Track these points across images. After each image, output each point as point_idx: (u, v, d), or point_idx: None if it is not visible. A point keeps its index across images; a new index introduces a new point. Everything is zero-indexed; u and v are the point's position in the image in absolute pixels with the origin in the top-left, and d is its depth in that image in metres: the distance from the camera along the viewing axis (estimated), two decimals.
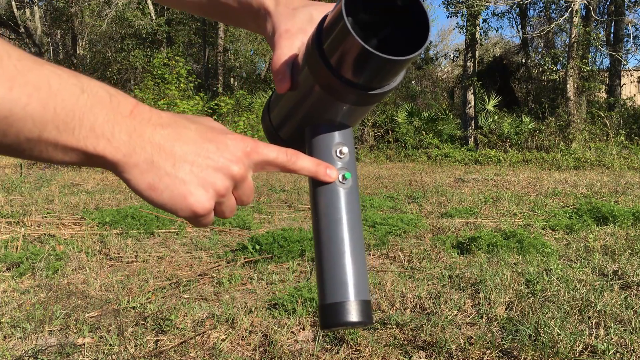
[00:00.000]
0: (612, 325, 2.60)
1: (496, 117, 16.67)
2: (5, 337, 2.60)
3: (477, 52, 17.59)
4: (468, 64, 16.98)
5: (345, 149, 0.59)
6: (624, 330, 2.56)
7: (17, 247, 4.13)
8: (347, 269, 0.54)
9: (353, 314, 0.53)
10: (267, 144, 0.55)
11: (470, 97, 16.89)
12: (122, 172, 0.48)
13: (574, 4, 14.34)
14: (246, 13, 0.67)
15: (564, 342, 2.37)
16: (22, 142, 0.44)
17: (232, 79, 24.35)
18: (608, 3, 19.46)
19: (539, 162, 12.39)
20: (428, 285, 3.31)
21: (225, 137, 0.52)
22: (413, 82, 24.49)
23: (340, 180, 0.58)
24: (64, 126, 0.44)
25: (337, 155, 0.59)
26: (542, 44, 22.94)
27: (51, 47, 24.04)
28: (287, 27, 0.60)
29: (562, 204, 6.37)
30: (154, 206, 0.51)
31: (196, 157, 0.50)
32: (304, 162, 0.56)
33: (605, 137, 13.92)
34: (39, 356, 2.40)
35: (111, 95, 0.47)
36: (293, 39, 0.59)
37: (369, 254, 4.13)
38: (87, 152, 0.46)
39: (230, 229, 4.97)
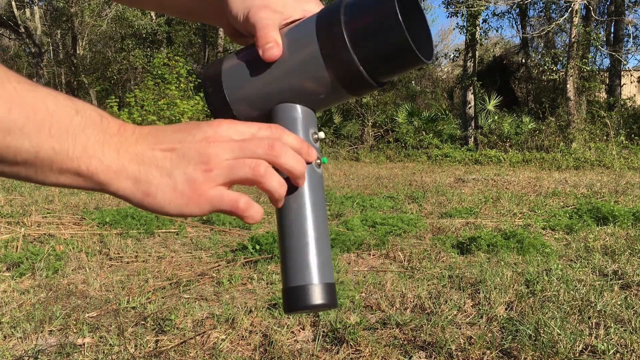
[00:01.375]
0: (612, 325, 2.60)
1: (496, 117, 16.68)
2: (5, 337, 2.60)
3: (477, 52, 17.59)
4: (468, 64, 16.98)
5: (321, 134, 0.58)
6: (624, 330, 2.56)
7: (17, 247, 4.13)
8: (311, 252, 0.53)
9: (317, 297, 0.52)
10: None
11: (470, 97, 16.89)
12: (117, 189, 0.49)
13: (574, 4, 14.34)
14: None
15: (564, 342, 2.37)
16: (19, 163, 0.45)
17: None
18: (608, 3, 19.46)
19: (539, 162, 12.39)
20: (428, 285, 3.31)
21: (202, 123, 0.52)
22: (413, 82, 24.48)
23: (317, 164, 0.57)
24: (59, 147, 0.46)
25: (312, 139, 0.57)
26: (542, 44, 22.94)
27: (51, 47, 24.03)
28: (264, 3, 0.60)
29: (562, 204, 6.37)
30: (160, 215, 0.52)
31: (175, 143, 0.50)
32: (290, 138, 0.53)
33: (605, 137, 13.92)
34: (39, 356, 2.40)
35: (102, 117, 0.49)
36: (274, 14, 0.59)
37: (369, 254, 4.14)
38: (81, 172, 0.48)
39: (230, 229, 4.97)
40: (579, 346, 2.38)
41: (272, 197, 0.52)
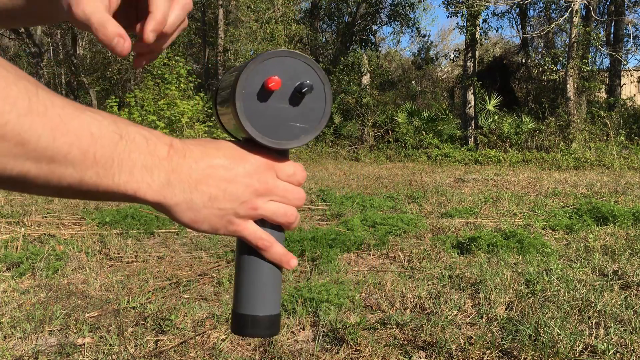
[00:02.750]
0: (612, 325, 2.60)
1: (496, 117, 16.68)
2: (5, 337, 2.60)
3: (477, 52, 17.60)
4: (468, 64, 16.98)
5: None
6: (624, 330, 2.56)
7: (17, 247, 4.13)
8: (262, 287, 0.58)
9: (261, 328, 0.58)
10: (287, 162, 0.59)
11: (470, 97, 16.89)
12: (164, 210, 0.52)
13: (574, 4, 14.34)
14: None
15: (564, 342, 2.37)
16: (63, 187, 0.46)
17: None
18: (608, 3, 19.46)
19: (539, 162, 12.39)
20: (428, 285, 3.31)
21: (248, 156, 0.56)
22: (413, 82, 24.49)
23: None
24: (104, 172, 0.46)
25: None
26: (542, 44, 22.95)
27: (51, 47, 24.02)
28: None
29: (562, 204, 6.37)
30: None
31: (227, 183, 0.54)
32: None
33: (605, 137, 13.92)
34: (39, 356, 2.40)
35: (147, 140, 0.49)
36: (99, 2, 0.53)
37: (369, 254, 4.14)
38: (128, 195, 0.49)
39: None
40: (579, 346, 2.38)
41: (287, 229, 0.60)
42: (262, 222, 0.57)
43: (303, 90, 0.54)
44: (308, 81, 0.55)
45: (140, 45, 0.57)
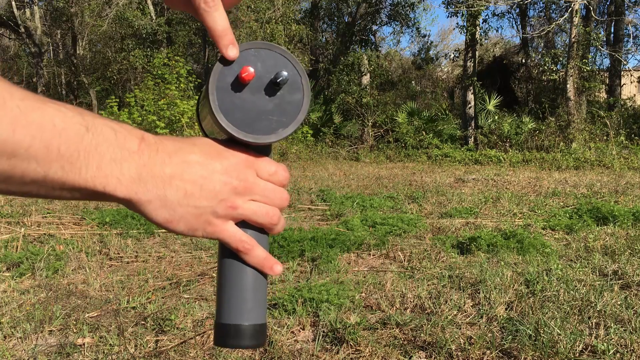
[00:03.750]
0: (612, 325, 2.60)
1: (496, 117, 16.67)
2: (5, 337, 2.60)
3: (477, 52, 17.59)
4: (468, 64, 16.98)
5: None
6: (624, 330, 2.56)
7: (17, 247, 4.13)
8: (247, 295, 0.55)
9: (245, 338, 0.55)
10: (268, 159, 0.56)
11: (470, 97, 16.89)
12: (137, 208, 0.49)
13: (574, 4, 14.34)
14: None
15: (564, 342, 2.37)
16: (27, 183, 0.43)
17: None
18: (608, 3, 19.46)
19: (539, 162, 12.39)
20: (428, 285, 3.31)
21: (226, 152, 0.53)
22: (413, 82, 24.49)
23: None
24: (70, 166, 0.44)
25: None
26: (542, 44, 22.94)
27: (51, 47, 24.02)
28: None
29: (562, 204, 6.37)
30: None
31: (204, 179, 0.51)
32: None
33: (605, 137, 13.92)
34: (39, 356, 2.40)
35: (116, 132, 0.46)
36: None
37: (369, 254, 4.14)
38: (97, 191, 0.46)
39: None
40: (579, 346, 2.38)
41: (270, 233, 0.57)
42: (244, 224, 0.54)
43: (278, 81, 0.52)
44: (284, 72, 0.53)
45: None
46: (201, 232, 0.52)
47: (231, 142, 0.54)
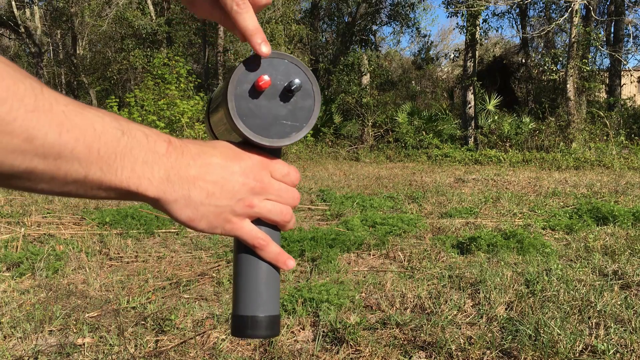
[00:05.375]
0: (612, 325, 2.60)
1: (496, 117, 16.68)
2: (5, 337, 2.60)
3: (477, 52, 17.59)
4: (468, 64, 16.98)
5: None
6: (624, 330, 2.56)
7: (17, 247, 4.13)
8: (261, 287, 0.59)
9: (260, 328, 0.58)
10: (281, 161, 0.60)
11: (470, 97, 16.89)
12: (163, 207, 0.53)
13: (574, 4, 14.34)
14: None
15: (564, 342, 2.37)
16: (69, 183, 0.46)
17: None
18: (608, 3, 19.46)
19: (539, 162, 12.39)
20: (428, 285, 3.31)
21: (244, 155, 0.57)
22: (413, 82, 24.49)
23: None
24: (107, 167, 0.47)
25: None
26: (542, 44, 22.94)
27: (51, 47, 24.03)
28: None
29: (562, 204, 6.37)
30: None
31: (224, 180, 0.55)
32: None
33: (605, 137, 13.92)
34: (39, 356, 2.40)
35: (148, 136, 0.50)
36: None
37: (369, 254, 4.14)
38: (131, 191, 0.50)
39: None
40: (579, 346, 2.38)
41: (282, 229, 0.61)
42: (258, 222, 0.58)
43: (292, 88, 0.56)
44: (297, 80, 0.57)
45: None
46: (220, 229, 0.56)
47: (246, 145, 0.58)
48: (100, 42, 24.21)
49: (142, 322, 2.78)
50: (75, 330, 2.67)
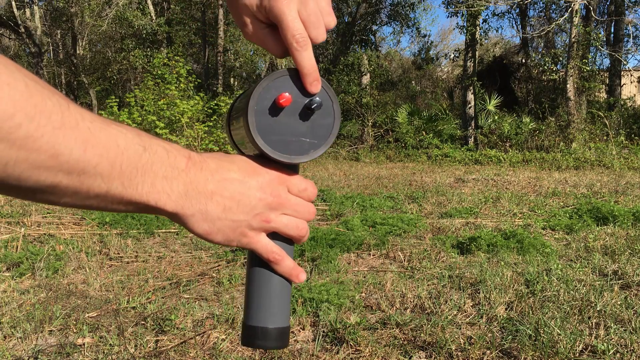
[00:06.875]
0: (612, 325, 2.60)
1: (496, 117, 16.67)
2: (5, 337, 2.60)
3: (477, 52, 17.59)
4: (468, 64, 16.98)
5: None
6: (624, 330, 2.56)
7: (17, 247, 4.13)
8: (272, 300, 0.60)
9: (270, 340, 0.59)
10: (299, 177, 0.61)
11: (470, 97, 16.89)
12: (181, 221, 0.54)
13: (574, 4, 14.34)
14: None
15: (564, 342, 2.37)
16: (91, 197, 0.47)
17: (232, 79, 24.35)
18: (608, 3, 19.46)
19: (539, 162, 12.38)
20: (428, 285, 3.31)
21: (261, 170, 0.58)
22: (413, 82, 24.49)
23: None
24: (129, 182, 0.48)
25: None
26: (542, 44, 22.94)
27: (51, 47, 24.04)
28: None
29: (562, 204, 6.37)
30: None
31: (241, 195, 0.55)
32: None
33: (605, 137, 13.91)
34: (39, 356, 2.40)
35: (168, 152, 0.51)
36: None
37: (369, 254, 4.14)
38: (150, 206, 0.51)
39: None
40: (579, 346, 2.38)
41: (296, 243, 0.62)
42: (273, 235, 0.58)
43: (312, 107, 0.56)
44: (317, 98, 0.57)
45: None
46: (236, 242, 0.57)
47: (263, 158, 0.58)
48: (100, 42, 24.22)
49: (142, 322, 2.78)
50: (75, 330, 2.67)
